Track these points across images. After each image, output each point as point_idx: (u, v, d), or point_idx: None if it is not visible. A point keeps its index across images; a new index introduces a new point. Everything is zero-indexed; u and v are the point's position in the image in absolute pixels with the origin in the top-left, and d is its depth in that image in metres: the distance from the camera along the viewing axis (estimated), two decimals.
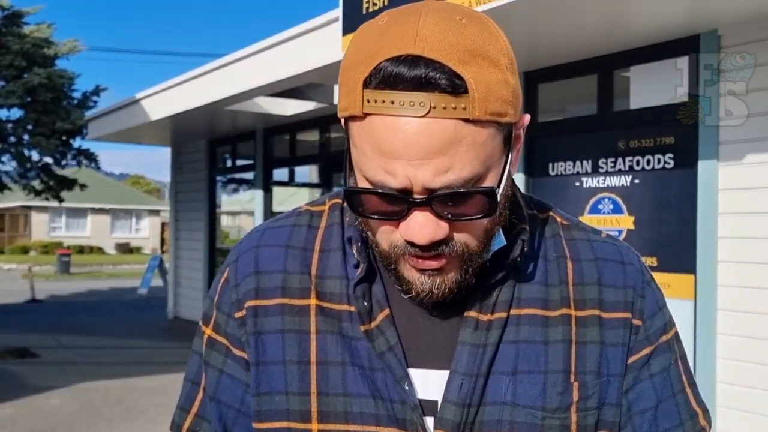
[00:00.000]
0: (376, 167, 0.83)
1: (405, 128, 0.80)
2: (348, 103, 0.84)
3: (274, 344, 0.96)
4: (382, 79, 0.80)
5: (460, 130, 0.80)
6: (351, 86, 0.83)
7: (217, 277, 1.05)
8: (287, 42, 6.65)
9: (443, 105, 0.79)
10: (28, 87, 11.97)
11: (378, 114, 0.81)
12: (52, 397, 7.07)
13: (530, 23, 4.70)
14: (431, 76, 0.79)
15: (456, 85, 0.79)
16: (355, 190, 0.86)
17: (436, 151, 0.80)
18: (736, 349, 4.61)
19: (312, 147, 10.05)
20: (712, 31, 4.69)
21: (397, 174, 0.81)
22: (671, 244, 5.00)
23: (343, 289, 0.96)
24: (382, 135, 0.81)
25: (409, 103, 0.79)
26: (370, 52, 0.82)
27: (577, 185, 5.56)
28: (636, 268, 1.02)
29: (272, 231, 1.03)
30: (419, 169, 0.81)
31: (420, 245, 0.85)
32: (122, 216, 46.05)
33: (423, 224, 0.84)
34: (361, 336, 0.94)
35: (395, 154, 0.81)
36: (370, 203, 0.86)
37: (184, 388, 1.06)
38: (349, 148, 0.89)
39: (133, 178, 64.89)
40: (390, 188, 0.83)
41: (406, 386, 0.91)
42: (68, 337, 10.88)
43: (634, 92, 5.26)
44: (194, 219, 12.48)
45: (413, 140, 0.80)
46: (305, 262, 0.99)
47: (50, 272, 27.28)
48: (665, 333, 1.01)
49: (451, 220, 0.85)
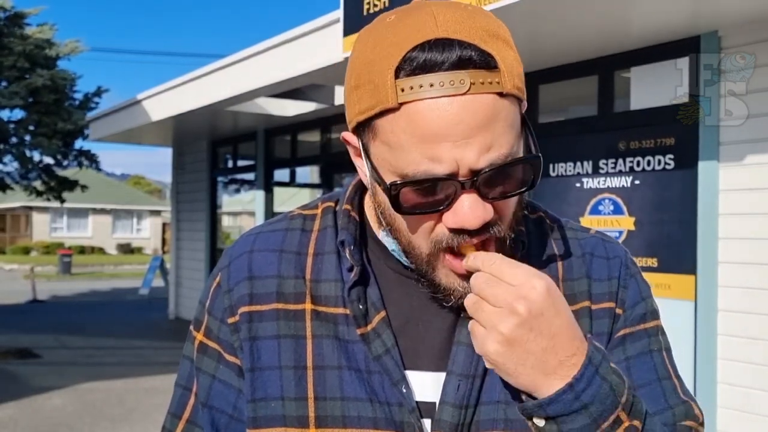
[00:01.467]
0: (417, 158, 0.82)
1: (447, 108, 0.80)
2: (376, 100, 0.83)
3: (270, 350, 0.95)
4: (415, 66, 0.80)
5: (497, 104, 0.81)
6: (377, 82, 0.82)
7: (209, 282, 1.04)
8: (288, 43, 6.65)
9: (481, 80, 0.80)
10: (31, 88, 11.99)
11: (416, 100, 0.80)
12: (53, 397, 7.09)
13: (531, 24, 4.70)
14: (466, 54, 0.80)
15: (488, 61, 0.81)
16: (401, 184, 0.83)
17: (480, 128, 0.80)
18: (736, 350, 4.62)
19: (313, 148, 10.06)
20: (713, 32, 4.69)
21: (444, 158, 0.81)
22: (672, 245, 5.00)
23: (339, 292, 0.95)
24: (423, 120, 0.80)
25: (450, 82, 0.79)
26: (391, 46, 0.82)
27: (578, 186, 5.57)
28: (620, 260, 1.03)
29: (265, 235, 1.02)
30: (465, 149, 0.80)
31: (471, 229, 0.84)
32: (123, 216, 46.07)
33: (473, 206, 0.83)
34: (357, 339, 0.93)
35: (440, 137, 0.80)
36: (411, 199, 0.85)
37: (175, 393, 1.05)
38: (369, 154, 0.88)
39: (134, 179, 64.92)
40: (436, 175, 0.82)
41: (403, 389, 0.91)
42: (70, 338, 10.90)
43: (634, 93, 5.27)
44: (195, 219, 12.48)
45: (458, 118, 0.80)
46: (299, 266, 0.98)
47: (52, 273, 27.31)
48: (644, 321, 1.01)
49: (496, 200, 0.85)
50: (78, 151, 13.60)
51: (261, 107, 9.09)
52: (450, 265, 0.88)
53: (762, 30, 4.46)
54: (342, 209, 1.01)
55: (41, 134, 12.43)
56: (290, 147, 10.30)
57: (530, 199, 1.07)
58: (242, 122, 10.10)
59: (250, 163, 11.19)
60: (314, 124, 9.45)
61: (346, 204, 1.01)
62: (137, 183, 61.82)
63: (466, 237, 0.85)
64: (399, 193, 0.84)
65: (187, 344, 1.05)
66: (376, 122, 0.84)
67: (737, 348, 4.61)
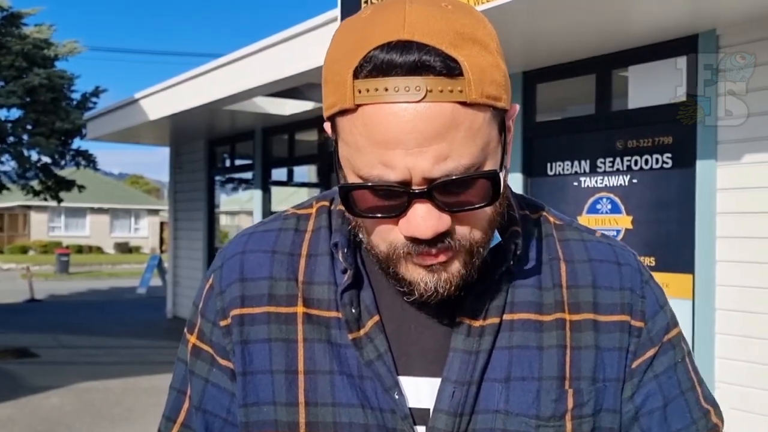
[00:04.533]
0: (372, 161, 0.79)
1: (401, 115, 0.76)
2: (337, 98, 0.80)
3: (261, 353, 0.93)
4: (373, 67, 0.77)
5: (457, 114, 0.77)
6: (339, 80, 0.80)
7: (202, 284, 1.02)
8: (286, 42, 6.65)
9: (439, 88, 0.76)
10: (28, 87, 11.98)
11: (371, 103, 0.77)
12: (51, 396, 7.08)
13: (529, 23, 4.70)
14: (425, 60, 0.76)
15: (451, 67, 0.77)
16: (351, 186, 0.82)
17: (435, 137, 0.77)
18: (734, 349, 4.62)
19: (311, 147, 10.05)
20: (711, 31, 4.69)
21: (396, 165, 0.78)
22: (669, 244, 5.00)
23: (332, 295, 0.93)
24: (377, 124, 0.77)
25: (404, 88, 0.76)
26: (357, 44, 0.79)
27: (576, 185, 5.57)
28: (633, 267, 0.99)
29: (258, 236, 1.00)
30: (418, 157, 0.77)
31: (424, 239, 0.81)
32: (121, 216, 46.03)
33: (425, 216, 0.80)
34: (350, 343, 0.91)
35: (392, 143, 0.77)
36: (366, 201, 0.82)
37: (170, 396, 1.03)
38: (337, 150, 0.86)
39: (132, 178, 64.92)
40: (388, 182, 0.79)
41: (396, 395, 0.89)
42: (67, 337, 10.88)
43: (632, 92, 5.27)
44: (193, 218, 12.48)
45: (411, 126, 0.76)
46: (292, 268, 0.95)
47: (49, 272, 27.29)
48: (668, 332, 0.98)
49: (453, 212, 0.81)
50: (75, 151, 13.58)
51: (258, 106, 9.08)
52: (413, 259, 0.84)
53: (761, 29, 4.46)
54: (337, 209, 0.98)
55: (39, 134, 12.42)
56: (288, 146, 10.30)
57: (532, 198, 1.05)
58: (240, 121, 10.09)
59: (248, 162, 11.19)
60: (312, 123, 9.44)
61: (341, 204, 0.96)
62: (135, 182, 61.80)
63: (424, 247, 0.82)
64: (351, 195, 0.82)
65: (181, 347, 1.03)
66: (338, 120, 0.82)
67: (735, 347, 4.61)
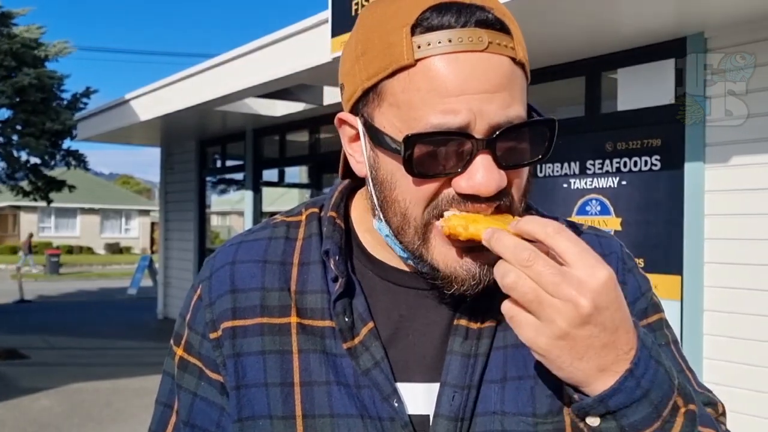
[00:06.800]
0: (431, 112, 0.77)
1: (467, 63, 0.77)
2: (389, 60, 0.79)
3: (255, 366, 0.90)
4: (432, 23, 0.78)
5: (513, 68, 0.80)
6: (390, 41, 0.79)
7: (189, 294, 0.99)
8: (277, 43, 6.65)
9: (498, 41, 0.79)
10: (18, 87, 11.93)
11: (434, 55, 0.78)
12: (41, 398, 7.06)
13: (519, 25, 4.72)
14: (485, 16, 0.79)
15: (504, 25, 0.81)
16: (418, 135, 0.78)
17: (500, 85, 0.78)
18: (722, 350, 4.65)
19: (302, 148, 10.05)
20: (699, 34, 4.72)
21: (460, 110, 0.77)
22: (658, 245, 5.03)
23: (325, 304, 0.91)
24: (442, 74, 0.77)
25: (468, 39, 0.77)
26: (404, 8, 0.80)
27: (565, 186, 5.59)
28: (617, 256, 0.99)
29: (248, 245, 0.97)
30: (484, 102, 0.77)
31: (485, 196, 0.79)
32: (112, 216, 45.87)
33: (489, 169, 0.78)
34: (345, 353, 0.89)
35: (458, 90, 0.77)
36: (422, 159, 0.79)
37: (156, 411, 1.00)
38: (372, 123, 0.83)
39: (122, 178, 64.69)
40: (450, 129, 0.77)
41: (395, 403, 0.87)
42: (57, 338, 10.84)
43: (621, 94, 5.30)
44: (184, 219, 12.46)
45: (478, 73, 0.77)
46: (284, 278, 0.93)
47: (39, 272, 27.16)
48: (646, 317, 0.98)
49: (509, 168, 0.81)
50: (66, 152, 13.54)
51: (250, 107, 9.08)
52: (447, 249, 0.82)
53: (748, 32, 4.49)
54: (327, 216, 0.97)
55: (29, 134, 12.37)
56: (279, 147, 10.29)
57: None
58: (231, 122, 10.08)
59: (239, 163, 11.18)
60: (303, 124, 9.44)
61: (332, 211, 0.97)
62: (126, 182, 61.59)
63: (475, 204, 0.80)
64: (413, 151, 0.78)
65: (168, 359, 1.00)
66: (384, 85, 0.81)
67: (723, 348, 4.64)
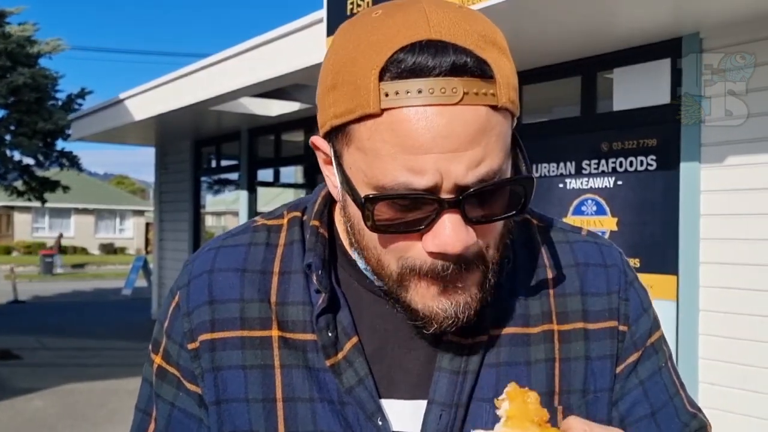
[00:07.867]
0: (396, 168, 0.72)
1: (436, 118, 0.71)
2: (355, 103, 0.73)
3: (236, 381, 0.87)
4: (403, 69, 0.71)
5: (490, 117, 0.73)
6: (359, 83, 0.73)
7: (168, 299, 0.96)
8: (272, 42, 6.64)
9: (475, 90, 0.72)
10: (12, 87, 11.89)
11: (401, 107, 0.71)
12: (34, 399, 7.03)
13: (514, 25, 4.71)
14: (461, 60, 0.72)
15: (484, 70, 0.73)
16: (378, 197, 0.74)
17: (471, 141, 0.72)
18: (717, 350, 4.65)
19: (297, 147, 10.03)
20: (694, 34, 4.72)
21: (426, 170, 0.71)
22: (654, 246, 5.03)
23: (307, 317, 0.87)
24: (407, 129, 0.71)
25: (440, 90, 0.71)
26: (377, 45, 0.73)
27: (561, 186, 5.59)
28: (618, 269, 0.95)
29: (226, 251, 0.93)
30: (452, 162, 0.72)
31: (453, 254, 0.75)
32: (106, 216, 45.80)
33: (456, 229, 0.74)
34: (329, 368, 0.86)
35: (425, 148, 0.71)
36: (388, 213, 0.75)
37: (135, 418, 0.98)
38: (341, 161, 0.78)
39: (117, 178, 64.54)
40: (416, 190, 0.72)
41: (379, 421, 0.84)
42: (51, 339, 10.81)
43: (617, 94, 5.29)
44: (179, 219, 12.43)
45: (447, 130, 0.71)
46: (264, 288, 0.89)
47: (33, 273, 27.09)
48: (651, 336, 0.95)
49: (480, 223, 0.76)
50: (59, 152, 13.49)
51: (245, 107, 9.06)
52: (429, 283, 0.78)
53: (743, 32, 4.49)
54: (310, 225, 0.92)
55: (22, 134, 12.33)
56: (274, 147, 10.27)
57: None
58: (226, 122, 10.06)
59: (234, 163, 11.15)
60: (298, 124, 9.42)
61: (314, 219, 0.92)
62: (120, 183, 61.45)
63: (448, 264, 0.76)
64: (371, 207, 0.74)
65: (146, 366, 0.98)
66: (353, 127, 0.75)
67: (718, 348, 4.64)
